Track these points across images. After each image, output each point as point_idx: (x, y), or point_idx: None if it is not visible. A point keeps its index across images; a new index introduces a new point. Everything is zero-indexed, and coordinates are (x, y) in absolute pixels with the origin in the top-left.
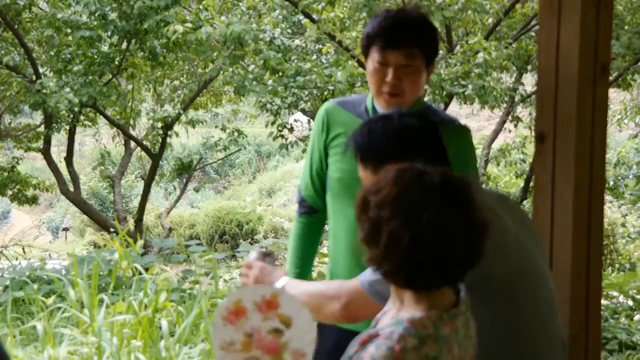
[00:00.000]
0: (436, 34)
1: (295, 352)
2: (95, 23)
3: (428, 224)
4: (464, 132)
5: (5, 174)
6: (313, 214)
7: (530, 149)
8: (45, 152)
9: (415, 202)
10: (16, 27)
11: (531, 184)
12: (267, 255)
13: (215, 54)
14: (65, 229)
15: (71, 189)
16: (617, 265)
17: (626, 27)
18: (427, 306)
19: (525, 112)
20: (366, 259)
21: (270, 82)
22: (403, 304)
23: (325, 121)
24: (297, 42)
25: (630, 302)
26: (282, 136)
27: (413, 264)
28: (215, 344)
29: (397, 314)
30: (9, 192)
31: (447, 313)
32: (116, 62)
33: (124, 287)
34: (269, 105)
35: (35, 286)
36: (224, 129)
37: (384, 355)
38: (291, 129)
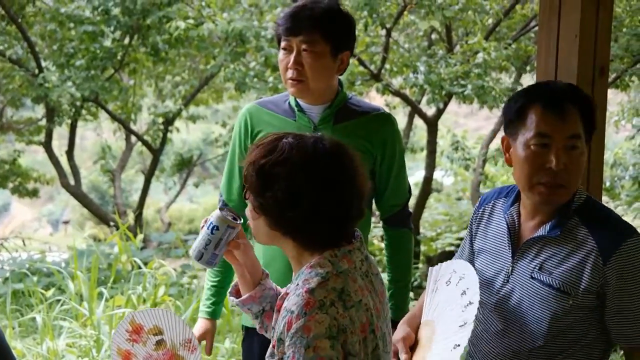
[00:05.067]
0: (348, 23)
1: (182, 344)
2: (98, 18)
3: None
4: (391, 120)
5: (7, 166)
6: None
7: None
8: (47, 146)
9: (296, 162)
10: (20, 20)
11: None
12: (230, 228)
13: (216, 51)
14: (66, 222)
15: (72, 182)
16: None
17: (624, 30)
18: (319, 252)
19: None
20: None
21: (271, 79)
22: (301, 261)
23: (248, 124)
24: None
25: None
26: None
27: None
28: None
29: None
30: (10, 185)
31: (339, 250)
32: (118, 57)
33: (123, 280)
34: None
35: (35, 278)
36: (224, 125)
37: (295, 302)
38: None
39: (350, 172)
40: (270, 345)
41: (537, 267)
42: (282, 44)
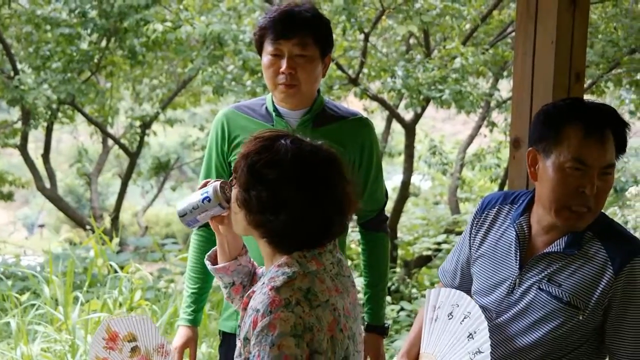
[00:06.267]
0: (329, 26)
1: (155, 349)
2: (75, 20)
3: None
4: (369, 124)
5: None
6: None
7: (505, 153)
8: (22, 148)
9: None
10: None
11: (505, 188)
12: (220, 207)
13: (194, 54)
14: (41, 226)
15: (47, 185)
16: None
17: (600, 36)
18: (290, 253)
19: (500, 118)
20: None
21: (249, 82)
22: (272, 259)
23: (225, 129)
24: None
25: None
26: None
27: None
28: None
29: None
30: None
31: (309, 252)
32: (95, 60)
33: (99, 285)
34: None
35: (10, 282)
36: (202, 128)
37: (261, 301)
38: None
39: (339, 189)
40: (237, 345)
41: (545, 279)
42: (270, 49)
